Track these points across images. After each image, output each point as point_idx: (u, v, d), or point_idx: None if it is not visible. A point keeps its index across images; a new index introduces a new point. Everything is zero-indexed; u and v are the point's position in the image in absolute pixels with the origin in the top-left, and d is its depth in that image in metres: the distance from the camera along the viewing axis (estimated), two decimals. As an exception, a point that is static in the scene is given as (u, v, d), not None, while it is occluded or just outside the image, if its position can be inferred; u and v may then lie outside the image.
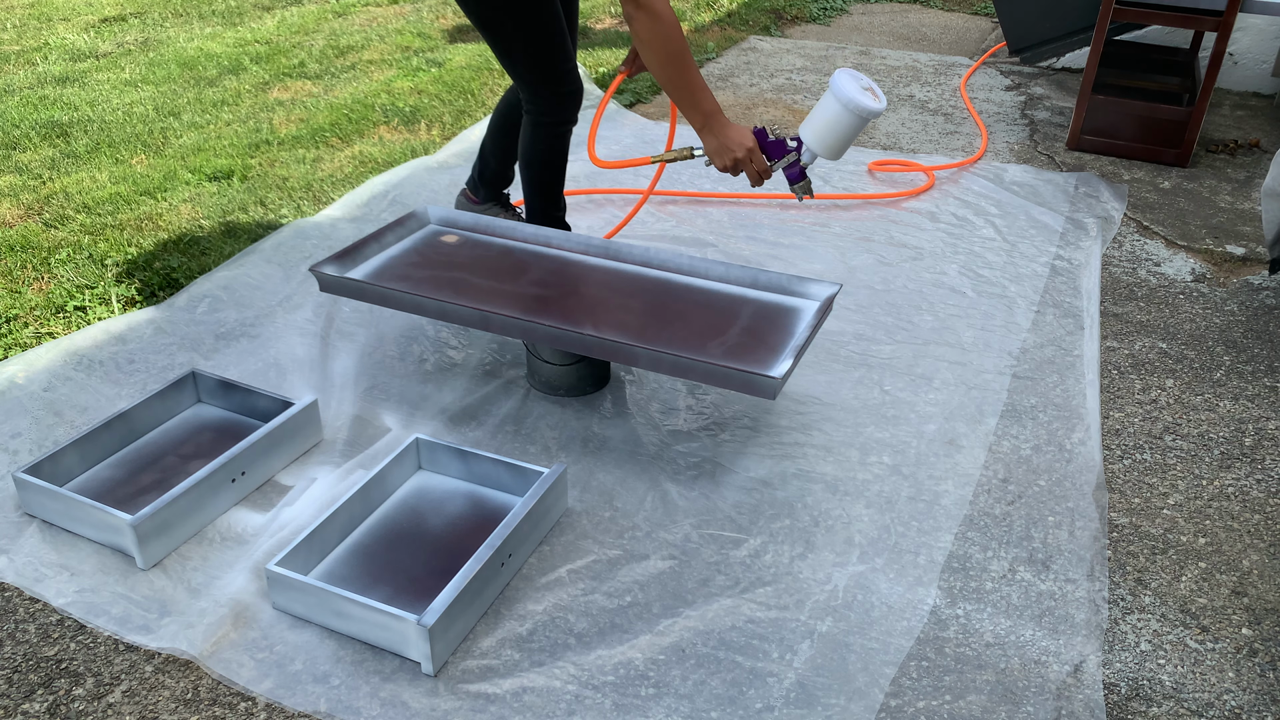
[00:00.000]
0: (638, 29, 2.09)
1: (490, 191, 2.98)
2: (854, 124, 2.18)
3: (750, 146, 2.20)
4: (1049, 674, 1.67)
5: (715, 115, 2.19)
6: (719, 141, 2.21)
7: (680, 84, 2.15)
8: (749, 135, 2.21)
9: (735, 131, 2.20)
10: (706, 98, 2.17)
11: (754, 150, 2.21)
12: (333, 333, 2.61)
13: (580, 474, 2.12)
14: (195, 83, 4.58)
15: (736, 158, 2.21)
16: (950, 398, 2.38)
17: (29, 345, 2.53)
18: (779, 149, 2.25)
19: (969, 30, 5.71)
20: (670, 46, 2.10)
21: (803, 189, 2.31)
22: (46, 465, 1.98)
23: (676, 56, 2.11)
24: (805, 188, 2.31)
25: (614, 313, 2.22)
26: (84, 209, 3.27)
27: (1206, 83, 3.55)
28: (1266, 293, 2.87)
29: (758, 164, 2.23)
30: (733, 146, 2.20)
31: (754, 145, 2.21)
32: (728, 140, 2.20)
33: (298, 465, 2.14)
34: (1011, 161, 3.76)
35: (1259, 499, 2.08)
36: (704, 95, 2.16)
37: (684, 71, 2.14)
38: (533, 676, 1.65)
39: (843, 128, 2.19)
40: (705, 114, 2.18)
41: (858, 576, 1.86)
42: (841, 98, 2.14)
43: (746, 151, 2.20)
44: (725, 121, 2.20)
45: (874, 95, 2.18)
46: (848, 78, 2.16)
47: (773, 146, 2.25)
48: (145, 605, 1.78)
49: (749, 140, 2.20)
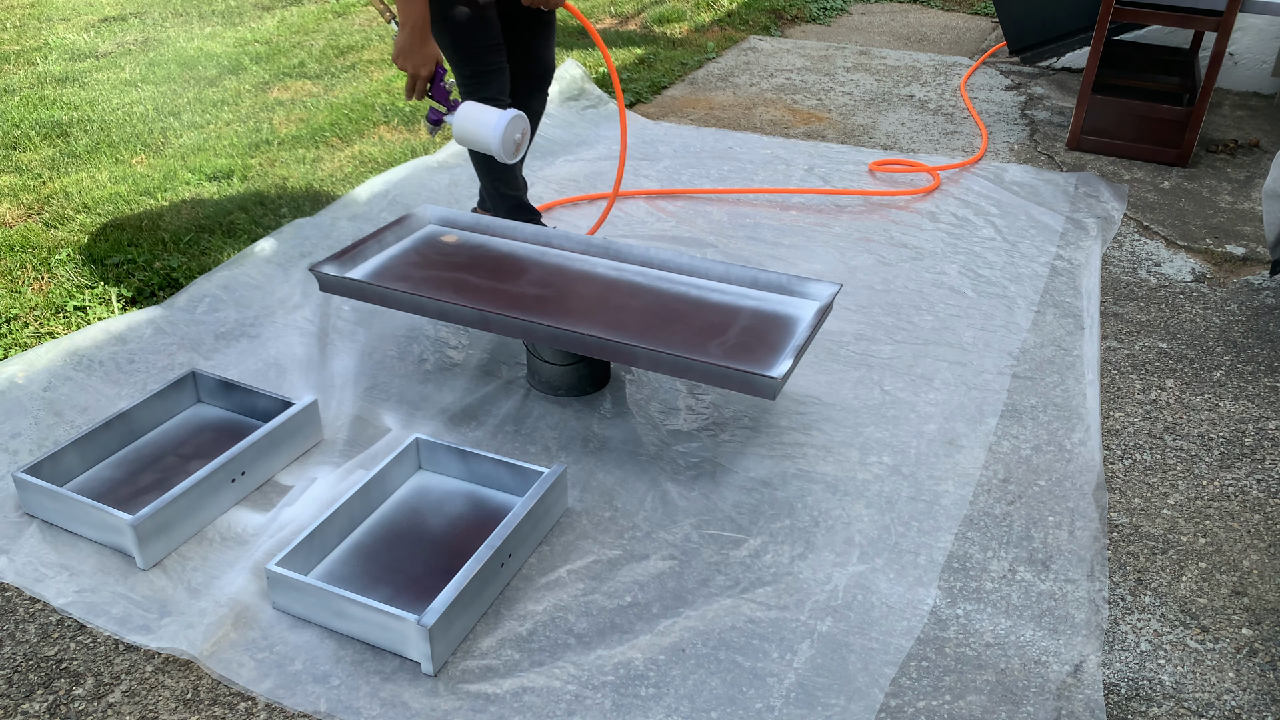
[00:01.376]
0: None
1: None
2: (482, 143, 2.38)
3: (424, 75, 2.37)
4: (1049, 674, 1.67)
5: (420, 24, 2.33)
6: (408, 44, 2.35)
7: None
8: (432, 64, 2.37)
9: (426, 51, 2.35)
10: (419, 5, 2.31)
11: (425, 78, 2.38)
12: (333, 333, 2.61)
13: (580, 474, 2.12)
14: (195, 83, 4.58)
15: (411, 66, 2.36)
16: (950, 398, 2.38)
17: (29, 345, 2.53)
18: (441, 96, 2.42)
19: (969, 30, 5.71)
20: None
21: (432, 132, 2.49)
22: (46, 465, 1.98)
23: None
24: (434, 130, 2.49)
25: (614, 313, 2.22)
26: (84, 209, 3.27)
27: (1206, 83, 3.55)
28: (1266, 293, 2.87)
29: (419, 87, 2.40)
30: (416, 57, 2.35)
31: (428, 75, 2.37)
32: (415, 50, 2.35)
33: (298, 465, 2.14)
34: (1011, 161, 3.76)
35: (1259, 499, 2.08)
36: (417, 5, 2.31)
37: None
38: (533, 676, 1.65)
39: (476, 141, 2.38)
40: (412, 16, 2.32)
41: (858, 576, 1.86)
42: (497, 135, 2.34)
43: (417, 70, 2.36)
44: (427, 37, 2.35)
45: (516, 149, 2.41)
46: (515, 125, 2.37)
47: (438, 91, 2.42)
48: (145, 605, 1.78)
49: (427, 69, 2.37)
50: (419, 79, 2.38)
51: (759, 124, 4.16)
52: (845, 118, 4.24)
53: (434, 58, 2.37)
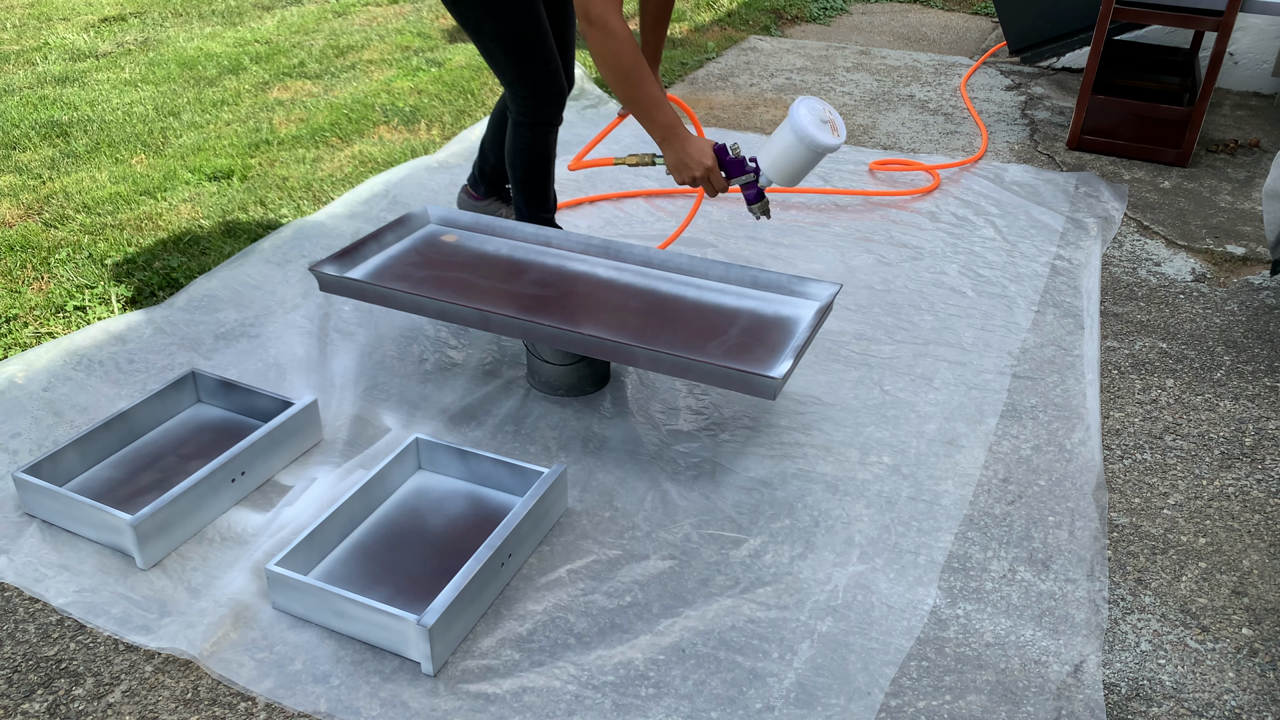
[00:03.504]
0: (591, 46, 2.10)
1: (491, 188, 2.99)
2: (807, 157, 2.16)
3: (709, 165, 2.21)
4: (1049, 674, 1.67)
5: (674, 129, 2.19)
6: (678, 157, 2.22)
7: (637, 99, 2.15)
8: (709, 153, 2.20)
9: (695, 148, 2.20)
10: (664, 112, 2.17)
11: (713, 170, 2.21)
12: (332, 333, 2.61)
13: (580, 474, 2.12)
14: (195, 83, 4.58)
15: (694, 175, 2.22)
16: (950, 398, 2.38)
17: (29, 345, 2.53)
18: (738, 168, 2.25)
19: (969, 30, 5.71)
20: (624, 62, 2.10)
21: (760, 210, 2.32)
22: (46, 465, 1.98)
23: (631, 72, 2.11)
24: (763, 209, 2.32)
25: (614, 313, 2.22)
26: (84, 209, 3.27)
27: (1206, 83, 3.55)
28: (1266, 293, 2.87)
29: (716, 183, 2.24)
30: (691, 164, 2.21)
31: (713, 164, 2.21)
32: (687, 156, 2.21)
33: (298, 465, 2.14)
34: (1012, 161, 3.76)
35: (1259, 499, 2.08)
36: (662, 110, 2.17)
37: (640, 87, 2.14)
38: (533, 676, 1.65)
39: (797, 160, 2.17)
40: (664, 128, 2.19)
41: (858, 576, 1.86)
42: (798, 131, 2.12)
43: (705, 170, 2.21)
44: (686, 136, 2.20)
45: (834, 129, 2.16)
46: (806, 110, 2.13)
47: (731, 165, 2.24)
48: (145, 605, 1.78)
49: (708, 159, 2.20)
50: (711, 173, 2.21)
51: (759, 124, 4.16)
52: (845, 117, 4.24)
53: (707, 146, 2.21)
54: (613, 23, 2.06)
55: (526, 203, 2.74)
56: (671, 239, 3.06)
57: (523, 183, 2.70)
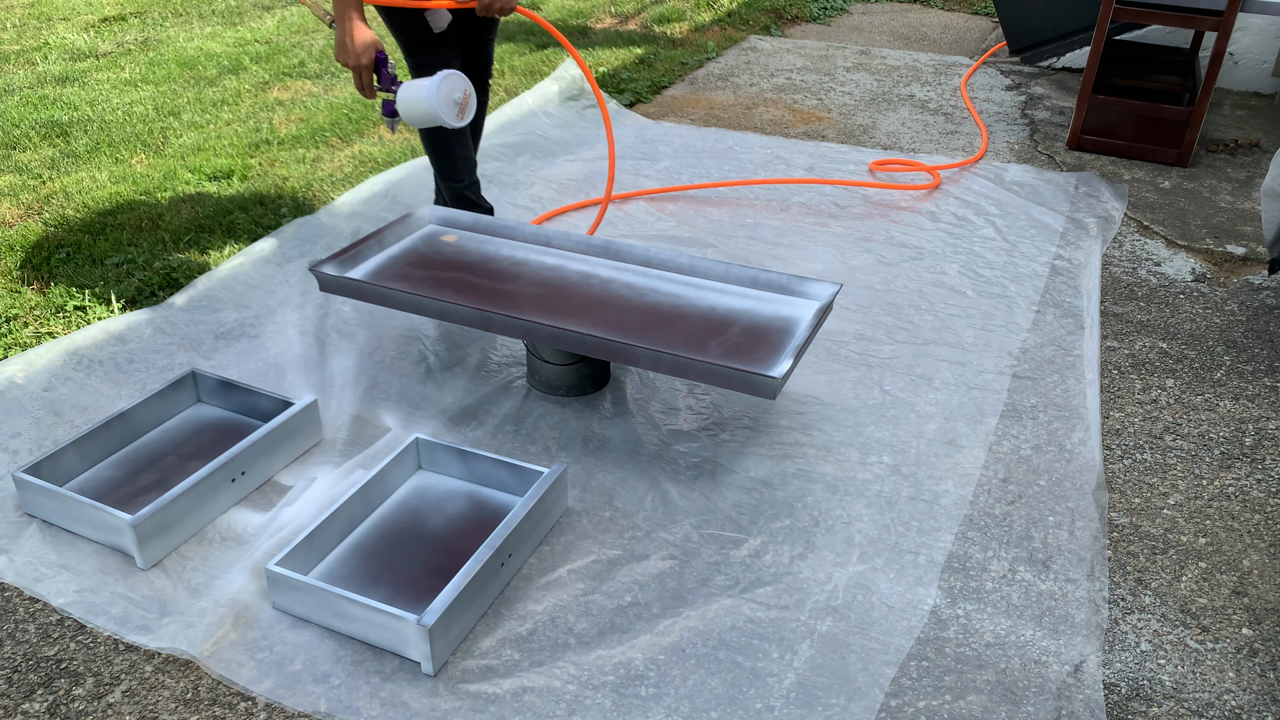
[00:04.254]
0: None
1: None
2: (427, 116, 2.31)
3: (365, 64, 2.31)
4: (1049, 674, 1.67)
5: (352, 12, 2.26)
6: (344, 38, 2.29)
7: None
8: (370, 53, 2.30)
9: (361, 39, 2.28)
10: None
11: (368, 67, 2.32)
12: (332, 333, 2.61)
13: (580, 474, 2.12)
14: (195, 82, 4.58)
15: (348, 63, 2.31)
16: (950, 398, 2.38)
17: (29, 345, 2.53)
18: (387, 81, 2.38)
19: (969, 30, 5.71)
20: None
21: (391, 124, 2.46)
22: (46, 465, 1.98)
23: None
24: (392, 124, 2.46)
25: (614, 312, 2.22)
26: (84, 209, 3.26)
27: (1206, 82, 3.54)
28: (1266, 292, 2.87)
29: (365, 79, 2.34)
30: (352, 51, 2.29)
31: (369, 64, 2.31)
32: (351, 42, 2.29)
33: (298, 465, 2.14)
34: (1012, 161, 3.76)
35: (1259, 499, 2.08)
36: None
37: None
38: (533, 676, 1.65)
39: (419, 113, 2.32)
40: (344, 5, 2.26)
41: (858, 576, 1.86)
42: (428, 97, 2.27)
43: (358, 64, 2.31)
44: (360, 25, 2.28)
45: (461, 111, 2.33)
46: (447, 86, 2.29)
47: (383, 75, 2.38)
48: (145, 605, 1.78)
49: (366, 57, 2.30)
50: (362, 69, 2.32)
51: (759, 124, 4.16)
52: (845, 117, 4.24)
53: (373, 45, 2.30)
54: None
55: (441, 177, 2.82)
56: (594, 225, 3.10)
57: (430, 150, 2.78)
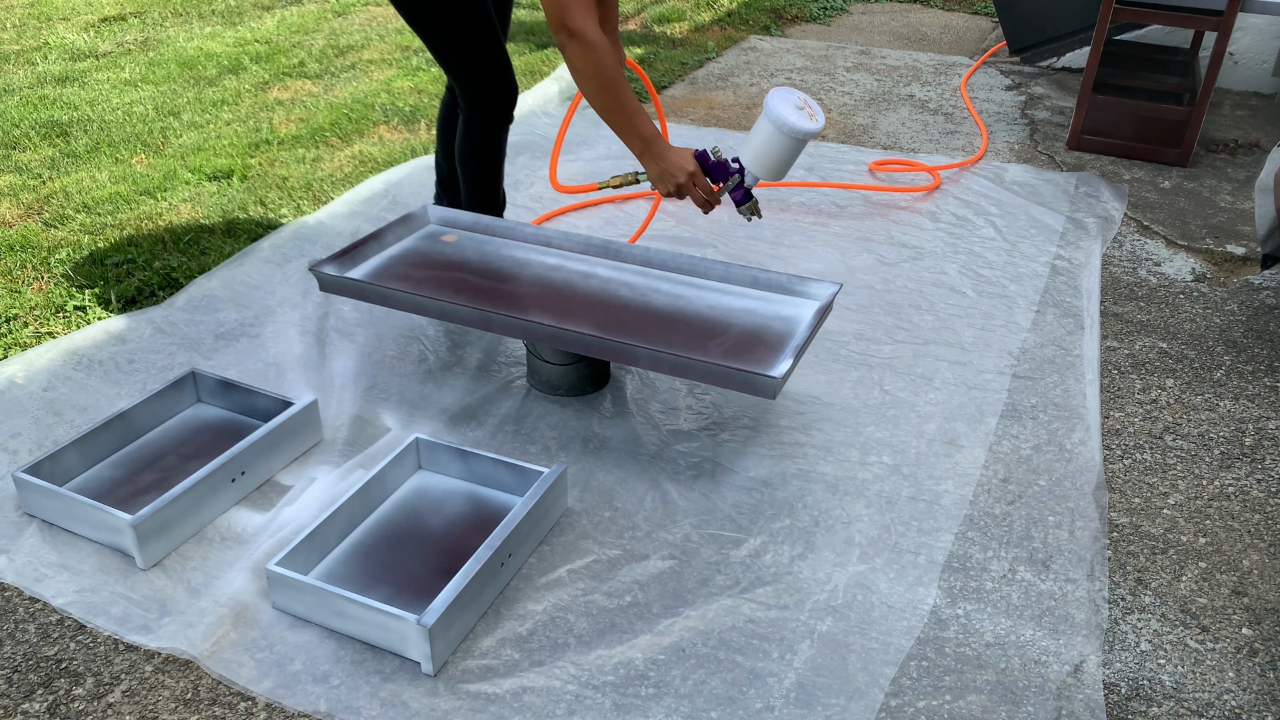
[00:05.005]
0: (570, 57, 2.08)
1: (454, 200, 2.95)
2: (789, 145, 2.14)
3: (691, 171, 2.18)
4: (1049, 674, 1.67)
5: (654, 140, 2.17)
6: (660, 168, 2.19)
7: (616, 111, 2.13)
8: (690, 159, 2.18)
9: (676, 156, 2.18)
10: (644, 123, 2.15)
11: (695, 174, 2.19)
12: (332, 333, 2.61)
13: (580, 474, 2.12)
14: (195, 82, 4.58)
15: (679, 183, 2.20)
16: (950, 398, 2.38)
17: (29, 345, 2.53)
18: (721, 171, 2.23)
19: (969, 30, 5.71)
20: (603, 75, 2.08)
21: (749, 210, 2.30)
22: (46, 465, 1.98)
23: (610, 84, 2.10)
24: (752, 209, 2.30)
25: (614, 312, 2.22)
26: (84, 209, 3.27)
27: (1206, 82, 3.55)
28: (1266, 292, 2.87)
29: (702, 188, 2.21)
30: (674, 172, 2.19)
31: (695, 170, 2.19)
32: (669, 166, 2.18)
33: (298, 465, 2.14)
34: (1012, 161, 3.76)
35: (1259, 499, 2.08)
36: (641, 121, 2.15)
37: (618, 98, 2.12)
38: (533, 676, 1.65)
39: (779, 150, 2.15)
40: (644, 139, 2.16)
41: (858, 576, 1.86)
42: (774, 120, 2.10)
43: (688, 176, 2.19)
44: (665, 146, 2.18)
45: (810, 114, 2.13)
46: (779, 100, 2.12)
47: (715, 169, 2.23)
48: (145, 605, 1.78)
49: (690, 165, 2.18)
50: (695, 178, 2.19)
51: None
52: (845, 117, 4.24)
53: (688, 154, 2.19)
54: (591, 33, 2.04)
55: (476, 201, 2.74)
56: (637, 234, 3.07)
57: (473, 180, 2.70)
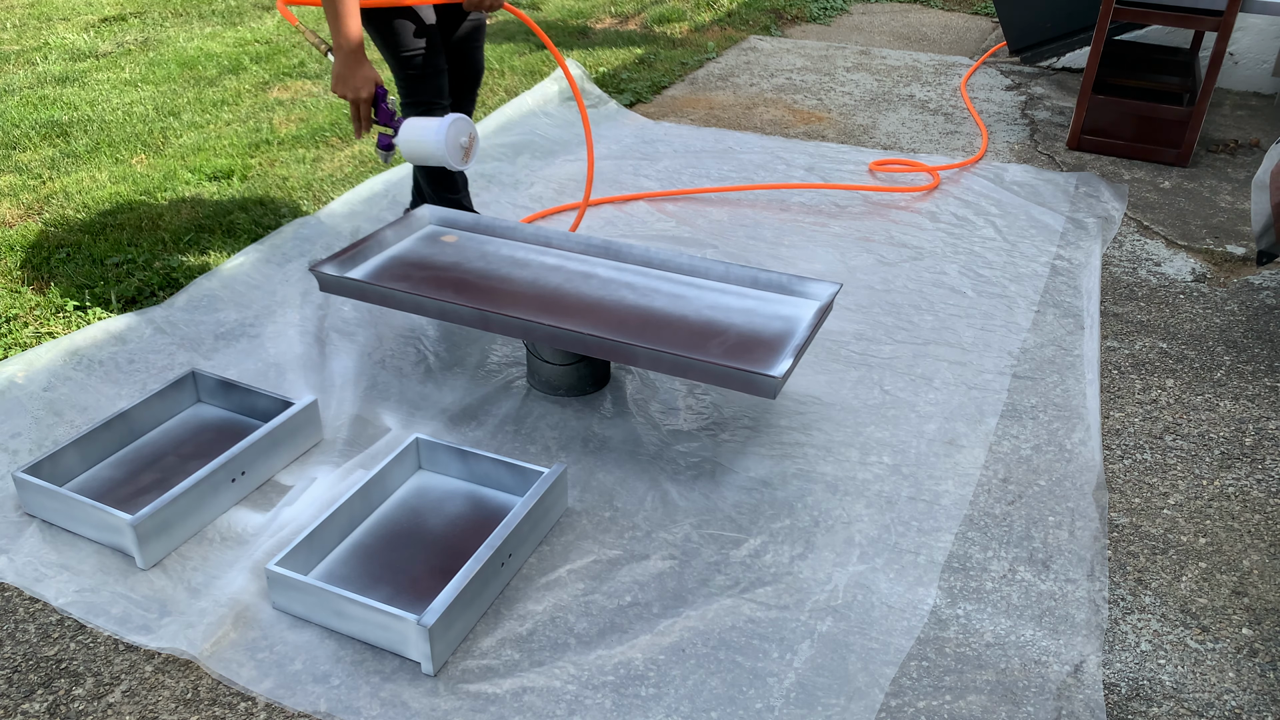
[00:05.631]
0: None
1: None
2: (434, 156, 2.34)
3: (365, 97, 2.33)
4: (1049, 674, 1.67)
5: (354, 45, 2.30)
6: (345, 70, 2.32)
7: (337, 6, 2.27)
8: (370, 87, 2.32)
9: (363, 74, 2.32)
10: (353, 25, 2.29)
11: (365, 102, 2.34)
12: (332, 333, 2.61)
13: (580, 474, 2.12)
14: (195, 83, 4.58)
15: (348, 95, 2.34)
16: (950, 398, 2.38)
17: (29, 345, 2.53)
18: (385, 116, 2.39)
19: (969, 30, 5.71)
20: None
21: (385, 156, 2.46)
22: (46, 465, 1.98)
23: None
24: (386, 156, 2.46)
25: (614, 312, 2.22)
26: (84, 209, 3.26)
27: (1207, 83, 3.54)
28: (1266, 292, 2.87)
29: (364, 113, 2.36)
30: (355, 83, 2.32)
31: (368, 97, 2.33)
32: (352, 76, 2.32)
33: (298, 465, 2.14)
34: (1012, 161, 3.76)
35: (1259, 499, 2.08)
36: (351, 22, 2.28)
37: None
38: (533, 676, 1.65)
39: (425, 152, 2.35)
40: (345, 37, 2.30)
41: (858, 576, 1.86)
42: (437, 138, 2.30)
43: (358, 97, 2.33)
44: (362, 60, 2.32)
45: (466, 154, 2.38)
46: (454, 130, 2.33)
47: (380, 111, 2.38)
48: (145, 605, 1.78)
49: (366, 91, 2.33)
50: (361, 103, 2.34)
51: (759, 124, 4.16)
52: (845, 117, 4.24)
53: (372, 79, 2.33)
54: None
55: (432, 188, 2.82)
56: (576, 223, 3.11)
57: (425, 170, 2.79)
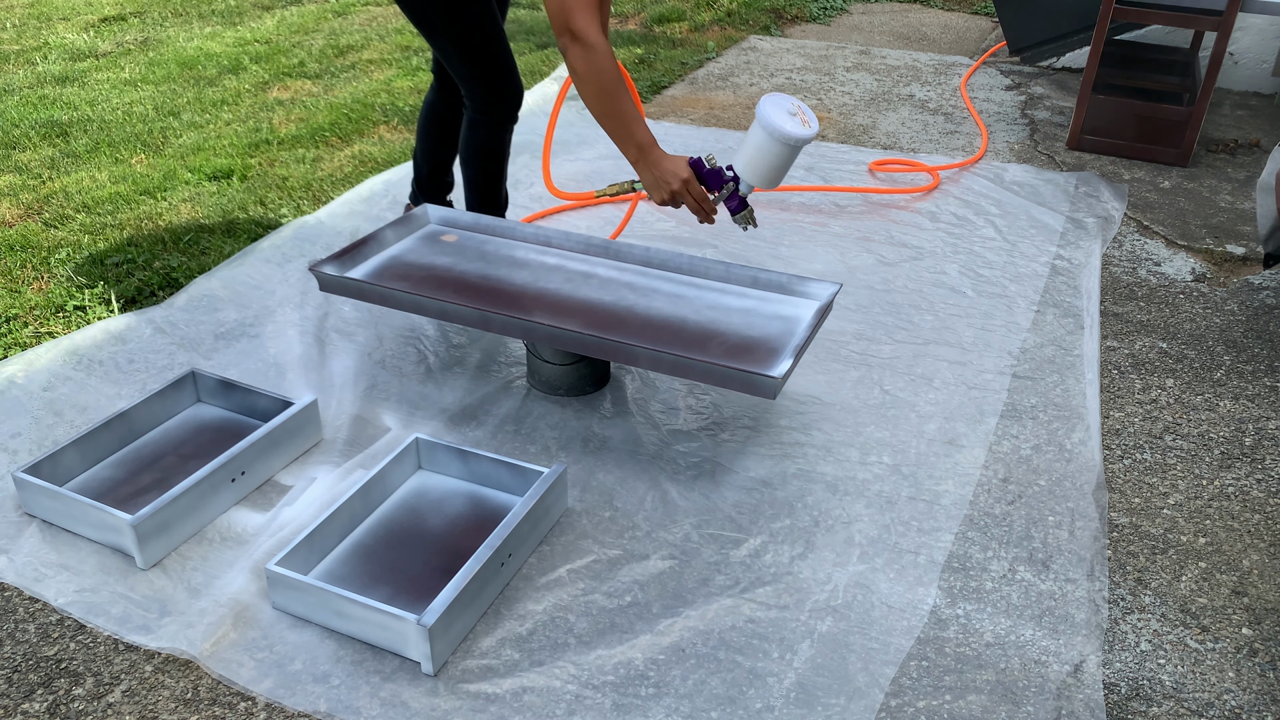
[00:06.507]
0: (571, 61, 2.06)
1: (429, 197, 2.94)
2: (783, 153, 2.12)
3: (685, 178, 2.16)
4: (1049, 674, 1.67)
5: (649, 148, 2.15)
6: (654, 175, 2.17)
7: (613, 116, 2.11)
8: (684, 167, 2.16)
9: (670, 163, 2.16)
10: (641, 130, 2.13)
11: (690, 182, 2.16)
12: (332, 333, 2.61)
13: (580, 474, 2.12)
14: (195, 82, 4.58)
15: (673, 190, 2.17)
16: (950, 397, 2.38)
17: (29, 345, 2.53)
18: (716, 179, 2.20)
19: (969, 30, 5.71)
20: (604, 79, 2.07)
21: (744, 219, 2.27)
22: (46, 465, 1.98)
23: (610, 89, 2.08)
24: (747, 218, 2.27)
25: (614, 312, 2.22)
26: (84, 209, 3.27)
27: (1206, 82, 3.55)
28: (1266, 292, 2.87)
29: (696, 195, 2.18)
30: (668, 179, 2.16)
31: (689, 177, 2.16)
32: (663, 173, 2.16)
33: (298, 465, 2.14)
34: (1012, 161, 3.76)
35: (1259, 499, 2.08)
36: (638, 128, 2.13)
37: (617, 104, 2.10)
38: (533, 676, 1.65)
39: (773, 157, 2.13)
40: (639, 147, 2.14)
41: (858, 576, 1.86)
42: (768, 127, 2.08)
43: (682, 183, 2.16)
44: (660, 154, 2.16)
45: (803, 120, 2.11)
46: (772, 106, 2.10)
47: (709, 176, 2.19)
48: (145, 605, 1.78)
49: (684, 172, 2.16)
50: (688, 190, 2.17)
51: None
52: (845, 117, 4.24)
53: (680, 163, 2.16)
54: (594, 37, 2.02)
55: (479, 201, 2.73)
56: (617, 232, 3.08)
57: (476, 181, 2.68)
